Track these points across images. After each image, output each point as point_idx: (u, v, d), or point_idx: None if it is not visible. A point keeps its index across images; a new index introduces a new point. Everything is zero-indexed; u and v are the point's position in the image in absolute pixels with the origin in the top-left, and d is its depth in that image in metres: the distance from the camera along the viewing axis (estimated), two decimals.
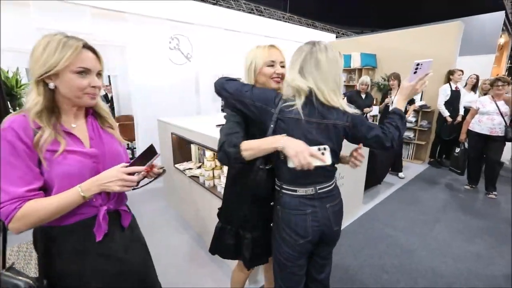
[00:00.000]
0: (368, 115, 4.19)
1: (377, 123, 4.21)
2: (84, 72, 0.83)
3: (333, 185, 1.14)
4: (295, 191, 1.07)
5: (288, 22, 12.93)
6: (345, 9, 14.95)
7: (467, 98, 4.04)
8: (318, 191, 1.07)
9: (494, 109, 3.07)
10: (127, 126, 4.39)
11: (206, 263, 2.09)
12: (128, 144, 5.06)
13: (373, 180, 3.33)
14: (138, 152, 4.19)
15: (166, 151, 2.80)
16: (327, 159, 0.92)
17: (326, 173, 1.08)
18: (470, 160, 3.42)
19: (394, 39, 4.94)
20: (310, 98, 1.00)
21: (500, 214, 2.90)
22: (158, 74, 4.11)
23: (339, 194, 1.20)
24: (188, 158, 2.71)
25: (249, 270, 1.37)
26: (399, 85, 3.85)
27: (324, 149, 0.93)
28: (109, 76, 5.95)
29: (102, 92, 6.12)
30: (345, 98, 4.22)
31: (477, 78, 4.13)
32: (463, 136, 3.40)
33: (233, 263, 1.52)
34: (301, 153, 0.89)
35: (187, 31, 4.33)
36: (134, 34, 3.76)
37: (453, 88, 4.00)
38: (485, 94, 3.70)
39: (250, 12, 11.57)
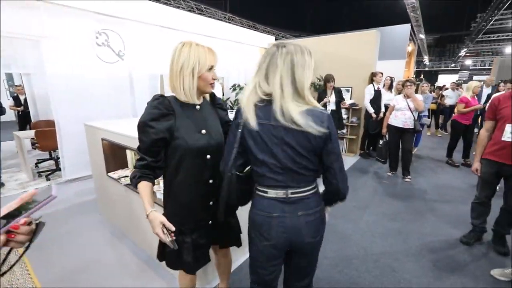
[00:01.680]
0: None
1: None
2: None
3: (309, 192, 1.04)
4: (266, 192, 1.04)
5: (230, 22, 12.97)
6: (285, 14, 15.76)
7: (386, 97, 4.66)
8: (290, 196, 1.01)
9: (405, 106, 3.61)
10: (47, 133, 3.80)
11: (150, 276, 1.96)
12: (50, 154, 4.39)
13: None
14: (63, 162, 3.66)
15: (97, 159, 2.51)
16: (174, 245, 1.05)
17: (299, 177, 1.00)
18: (390, 150, 3.95)
19: (326, 43, 5.38)
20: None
21: (414, 195, 3.42)
22: (84, 73, 3.66)
23: (319, 204, 1.07)
24: (123, 165, 2.48)
25: (193, 274, 1.34)
26: (333, 86, 4.22)
27: (169, 232, 1.06)
28: (20, 75, 5.07)
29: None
30: None
31: (391, 79, 4.79)
32: (384, 129, 3.92)
33: (176, 272, 1.45)
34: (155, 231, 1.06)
35: (117, 26, 3.97)
36: (50, 26, 3.28)
37: (376, 88, 4.56)
38: (399, 93, 4.31)
39: (190, 11, 11.24)
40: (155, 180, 2.02)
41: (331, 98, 4.23)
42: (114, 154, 2.41)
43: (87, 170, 3.65)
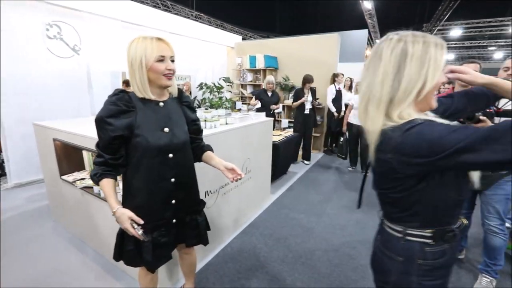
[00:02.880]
0: (275, 111, 4.59)
1: (286, 119, 4.65)
2: None
3: None
4: None
5: (197, 20, 12.73)
6: (254, 15, 15.90)
7: (347, 97, 4.95)
8: None
9: None
10: None
11: (110, 281, 1.87)
12: None
13: (279, 171, 3.68)
14: (9, 166, 3.32)
15: (49, 162, 2.33)
16: (145, 237, 1.09)
17: None
18: (350, 147, 4.21)
19: (292, 44, 5.55)
20: None
21: (370, 188, 3.68)
22: (32, 67, 3.36)
23: None
24: (79, 167, 2.33)
25: (153, 273, 1.32)
26: (309, 87, 4.34)
27: (139, 226, 1.09)
28: None
29: None
30: (254, 96, 4.50)
31: (351, 80, 5.10)
32: (344, 127, 4.16)
33: (136, 275, 1.41)
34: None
35: (71, 18, 3.70)
36: None
37: (337, 88, 4.82)
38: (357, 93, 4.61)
39: (155, 6, 10.80)
40: (118, 182, 1.96)
41: (309, 97, 4.39)
42: (68, 156, 2.25)
43: (38, 174, 3.36)
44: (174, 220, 1.29)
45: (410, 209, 0.73)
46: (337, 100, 4.77)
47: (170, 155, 1.19)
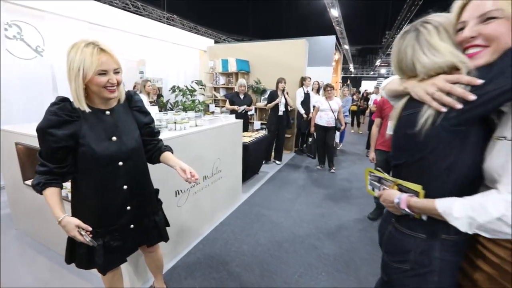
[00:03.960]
0: (248, 113, 4.74)
1: (259, 121, 4.79)
2: None
3: None
4: None
5: (168, 22, 12.57)
6: (228, 18, 15.98)
7: (315, 99, 5.22)
8: None
9: (327, 107, 4.15)
10: None
11: (80, 283, 1.87)
12: None
13: (250, 171, 3.81)
14: None
15: (11, 167, 2.26)
16: (94, 243, 1.11)
17: None
18: (317, 146, 4.47)
19: (262, 48, 5.74)
20: None
21: (336, 184, 3.96)
22: None
23: None
24: None
25: (104, 275, 1.33)
26: (283, 88, 4.50)
27: (87, 233, 1.10)
28: None
29: None
30: (227, 100, 4.61)
31: (319, 83, 5.40)
32: (312, 128, 4.42)
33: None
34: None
35: (32, 18, 3.57)
36: None
37: (305, 91, 5.08)
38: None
39: (124, 8, 10.52)
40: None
41: (282, 99, 4.58)
42: (32, 160, 2.21)
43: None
44: (132, 226, 1.30)
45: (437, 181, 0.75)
46: (305, 102, 5.03)
47: (120, 163, 1.18)
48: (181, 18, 13.82)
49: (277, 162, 4.81)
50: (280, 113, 4.61)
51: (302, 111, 4.98)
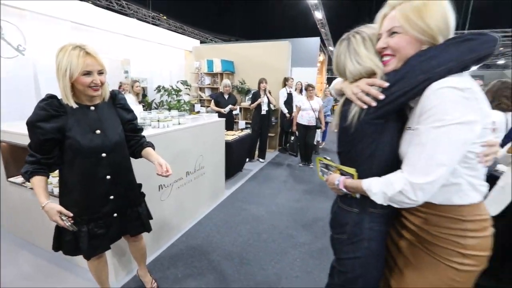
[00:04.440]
0: (233, 113, 4.87)
1: (244, 121, 4.92)
2: None
3: None
4: None
5: (154, 22, 12.50)
6: (215, 18, 16.01)
7: (298, 99, 5.41)
8: None
9: (309, 107, 4.34)
10: None
11: (66, 276, 1.95)
12: None
13: (234, 168, 3.95)
14: None
15: None
16: (73, 228, 1.22)
17: None
18: (299, 145, 4.66)
19: (247, 49, 5.89)
20: None
21: (316, 180, 4.15)
22: None
23: None
24: None
25: (88, 260, 1.43)
26: (265, 88, 4.64)
27: (69, 218, 1.21)
28: None
29: None
30: (212, 100, 4.72)
31: (302, 84, 5.60)
32: (294, 127, 4.60)
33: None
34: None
35: (13, 17, 3.56)
36: None
37: (288, 91, 5.26)
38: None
39: (108, 6, 10.39)
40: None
41: (264, 99, 4.73)
42: (16, 157, 2.25)
43: None
44: (115, 215, 1.41)
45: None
46: (288, 102, 5.20)
47: (103, 155, 1.29)
48: (167, 17, 13.76)
49: (260, 160, 4.97)
50: (263, 112, 4.77)
51: (285, 110, 5.16)
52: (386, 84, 0.80)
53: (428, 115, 0.73)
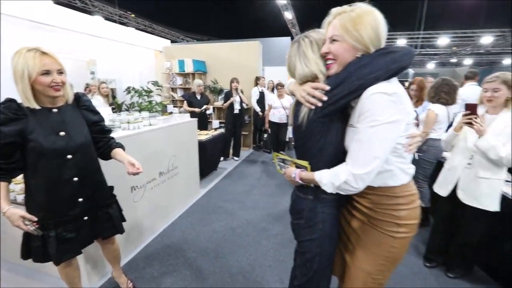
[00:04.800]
0: (206, 112, 4.90)
1: (217, 120, 4.97)
2: None
3: None
4: None
5: (122, 21, 12.03)
6: (187, 16, 15.69)
7: (270, 97, 5.56)
8: None
9: (279, 105, 4.51)
10: None
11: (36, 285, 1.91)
12: None
13: (208, 168, 4.00)
14: None
15: None
16: (38, 232, 1.23)
17: None
18: (272, 142, 4.81)
19: (218, 49, 5.93)
20: None
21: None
22: None
23: None
24: None
25: (58, 265, 1.41)
26: (237, 87, 4.72)
27: (32, 223, 1.22)
28: None
29: None
30: (185, 100, 4.72)
31: (273, 83, 5.75)
32: (266, 125, 4.75)
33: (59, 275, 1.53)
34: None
35: None
36: None
37: (260, 90, 5.39)
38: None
39: (69, 3, 9.82)
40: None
41: (237, 98, 4.80)
42: None
43: None
44: (85, 218, 1.40)
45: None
46: (261, 100, 5.34)
47: (69, 156, 1.29)
48: (136, 16, 13.27)
49: (235, 158, 5.07)
50: (236, 111, 4.86)
51: (258, 109, 5.29)
52: (328, 88, 0.92)
53: (365, 116, 0.86)
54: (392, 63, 0.86)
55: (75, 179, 1.34)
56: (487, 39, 11.07)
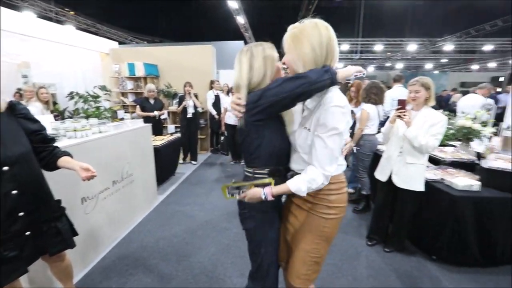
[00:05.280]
0: (161, 117, 4.78)
1: (173, 125, 4.88)
2: None
3: None
4: None
5: (59, 18, 10.92)
6: (135, 16, 14.87)
7: (225, 100, 5.66)
8: None
9: None
10: None
11: None
12: None
13: (166, 173, 3.93)
14: None
15: None
16: None
17: None
18: (229, 144, 4.92)
19: (171, 53, 5.82)
20: None
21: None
22: None
23: None
24: None
25: None
26: (190, 91, 4.69)
27: None
28: None
29: None
30: (137, 105, 4.54)
31: (228, 86, 5.87)
32: (222, 128, 4.84)
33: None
34: None
35: None
36: None
37: (215, 94, 5.46)
38: None
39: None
40: None
41: (190, 102, 4.76)
42: None
43: None
44: (27, 233, 1.29)
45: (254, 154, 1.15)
46: (216, 104, 5.40)
47: (5, 168, 1.20)
48: (76, 13, 12.14)
49: (193, 162, 5.04)
50: (189, 115, 4.86)
51: (214, 112, 5.34)
52: (242, 102, 1.08)
53: (326, 126, 1.02)
54: (297, 88, 1.01)
55: (14, 192, 1.24)
56: (412, 46, 12.79)
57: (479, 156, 2.57)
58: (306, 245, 1.20)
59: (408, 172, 2.11)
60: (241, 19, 10.63)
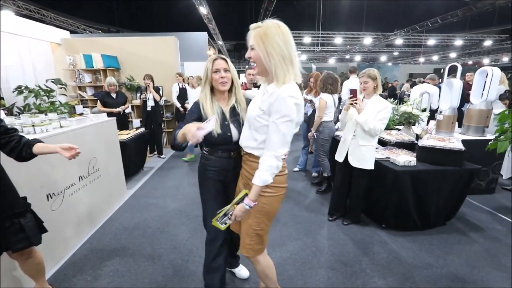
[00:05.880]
0: (125, 111, 4.62)
1: (138, 119, 4.74)
2: None
3: None
4: None
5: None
6: (91, 4, 13.70)
7: (190, 93, 5.62)
8: None
9: None
10: None
11: None
12: None
13: (134, 167, 3.88)
14: None
15: None
16: None
17: None
18: None
19: (132, 44, 5.58)
20: None
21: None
22: None
23: None
24: None
25: None
26: (150, 84, 4.57)
27: None
28: None
29: None
30: (98, 100, 4.34)
31: (194, 77, 5.83)
32: None
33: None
34: None
35: None
36: None
37: (181, 86, 5.40)
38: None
39: None
40: None
41: (149, 95, 4.65)
42: None
43: None
44: None
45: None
46: (182, 96, 5.35)
47: None
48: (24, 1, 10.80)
49: (160, 156, 4.99)
50: (149, 108, 4.79)
51: (179, 104, 5.29)
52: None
53: (279, 112, 1.15)
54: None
55: None
56: (367, 40, 13.71)
57: (418, 137, 2.99)
58: (249, 219, 1.35)
59: (361, 153, 2.41)
60: (203, 10, 10.43)
